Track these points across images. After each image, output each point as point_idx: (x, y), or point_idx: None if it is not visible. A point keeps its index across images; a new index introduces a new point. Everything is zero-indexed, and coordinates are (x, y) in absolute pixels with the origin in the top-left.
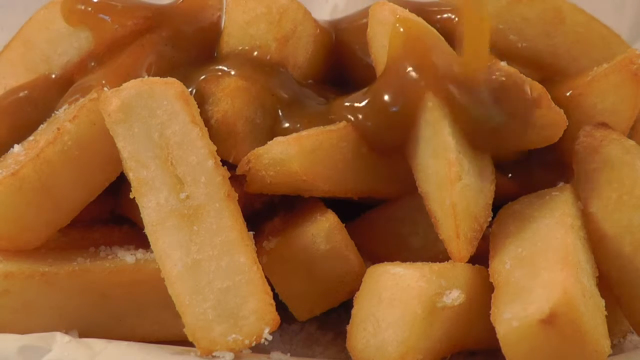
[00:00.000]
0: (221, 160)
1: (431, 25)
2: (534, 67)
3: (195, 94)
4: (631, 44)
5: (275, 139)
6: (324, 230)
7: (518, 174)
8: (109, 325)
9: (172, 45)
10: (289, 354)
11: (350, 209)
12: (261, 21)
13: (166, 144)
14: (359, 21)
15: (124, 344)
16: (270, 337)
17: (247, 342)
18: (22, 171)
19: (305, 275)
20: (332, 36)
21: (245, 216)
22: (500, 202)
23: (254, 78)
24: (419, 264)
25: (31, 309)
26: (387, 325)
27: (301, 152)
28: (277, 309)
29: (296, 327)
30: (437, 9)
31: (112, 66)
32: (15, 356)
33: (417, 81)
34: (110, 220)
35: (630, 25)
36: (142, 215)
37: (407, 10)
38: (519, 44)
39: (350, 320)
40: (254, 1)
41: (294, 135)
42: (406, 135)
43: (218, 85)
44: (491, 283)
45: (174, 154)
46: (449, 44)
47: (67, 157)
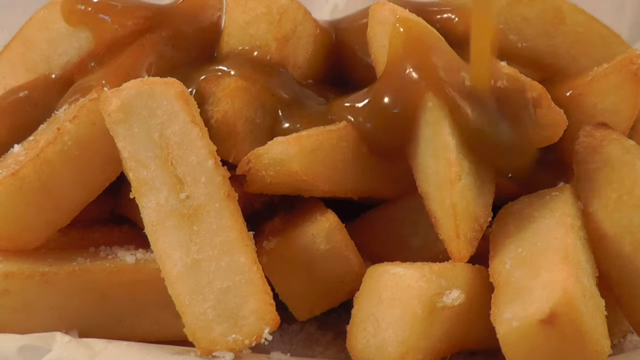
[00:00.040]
0: (221, 160)
1: (431, 25)
2: (534, 67)
3: (195, 94)
4: (631, 44)
5: (275, 139)
6: (324, 230)
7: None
8: (109, 325)
9: (172, 45)
10: (289, 354)
11: (350, 209)
12: (261, 21)
13: (166, 144)
14: (359, 21)
15: (124, 344)
16: (270, 337)
17: (247, 342)
18: (22, 171)
19: (305, 275)
20: (332, 36)
21: (245, 216)
22: (500, 202)
23: (254, 78)
24: (419, 264)
25: (31, 309)
26: (387, 325)
27: (301, 152)
28: (277, 309)
29: (296, 327)
30: (437, 9)
31: (112, 66)
32: (15, 356)
33: (417, 81)
34: (110, 220)
35: (630, 25)
36: (142, 215)
37: (407, 10)
38: (519, 44)
39: (350, 320)
40: (254, 1)
41: (294, 135)
42: (406, 136)
43: (218, 85)
44: (491, 283)
45: (174, 154)
46: (449, 44)
47: (67, 157)
